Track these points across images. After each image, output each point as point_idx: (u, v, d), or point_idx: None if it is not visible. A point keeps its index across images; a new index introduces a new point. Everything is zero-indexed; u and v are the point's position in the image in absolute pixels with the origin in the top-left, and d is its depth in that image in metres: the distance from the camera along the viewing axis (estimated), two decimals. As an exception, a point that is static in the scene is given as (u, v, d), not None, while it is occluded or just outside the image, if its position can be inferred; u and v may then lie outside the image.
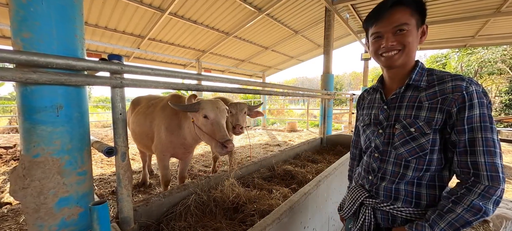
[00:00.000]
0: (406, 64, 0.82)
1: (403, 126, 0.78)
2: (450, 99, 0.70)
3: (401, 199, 0.80)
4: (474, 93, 0.68)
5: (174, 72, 1.27)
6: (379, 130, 0.87)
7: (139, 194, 2.59)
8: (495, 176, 0.63)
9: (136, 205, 1.33)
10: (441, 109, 0.72)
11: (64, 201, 0.97)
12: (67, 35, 0.96)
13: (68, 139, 0.97)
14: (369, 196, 0.88)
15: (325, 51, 4.54)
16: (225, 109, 1.70)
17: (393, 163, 0.82)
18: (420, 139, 0.75)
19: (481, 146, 0.65)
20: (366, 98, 1.01)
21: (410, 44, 0.77)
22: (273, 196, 1.62)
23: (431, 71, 0.80)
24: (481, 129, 0.66)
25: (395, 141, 0.81)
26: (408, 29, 0.75)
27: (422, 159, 0.76)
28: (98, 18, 4.63)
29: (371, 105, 0.95)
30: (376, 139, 0.88)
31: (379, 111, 0.88)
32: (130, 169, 1.19)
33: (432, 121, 0.73)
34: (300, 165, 2.56)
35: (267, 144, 6.03)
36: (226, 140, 1.50)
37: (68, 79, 0.91)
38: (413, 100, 0.78)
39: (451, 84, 0.71)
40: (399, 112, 0.81)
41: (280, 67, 10.81)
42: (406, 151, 0.78)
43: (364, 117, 0.97)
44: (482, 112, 0.67)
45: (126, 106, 1.16)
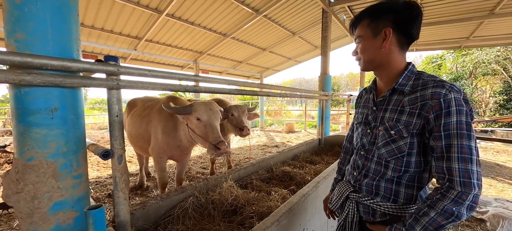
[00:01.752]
0: (384, 67, 0.85)
1: (385, 128, 0.82)
2: (428, 105, 0.72)
3: (381, 195, 0.85)
4: (452, 100, 0.69)
5: (171, 73, 1.26)
6: (367, 129, 0.91)
7: (136, 197, 2.56)
8: (467, 182, 0.65)
9: (133, 209, 1.32)
10: (419, 115, 0.74)
11: (59, 205, 0.95)
12: (62, 36, 0.94)
13: (63, 141, 0.95)
14: (353, 191, 0.94)
15: (323, 52, 4.56)
16: (218, 111, 1.69)
17: (376, 162, 0.87)
18: (399, 142, 0.79)
19: (456, 152, 0.67)
20: (363, 97, 1.05)
21: (364, 53, 0.85)
22: (272, 197, 1.61)
23: (420, 75, 0.81)
24: (457, 136, 0.67)
25: (378, 141, 0.85)
26: (362, 40, 0.85)
27: (400, 160, 0.80)
28: (94, 20, 4.59)
29: (365, 105, 0.99)
30: (364, 137, 0.93)
31: (369, 111, 0.93)
32: (126, 172, 1.18)
33: (410, 125, 0.76)
34: (298, 166, 2.56)
35: (265, 145, 6.03)
36: (219, 142, 1.49)
37: (63, 81, 0.89)
38: (397, 104, 0.82)
39: (431, 91, 0.73)
40: (384, 115, 0.85)
41: (278, 69, 10.83)
42: (386, 152, 0.82)
43: (359, 115, 1.02)
44: (459, 119, 0.68)
45: (122, 108, 1.15)
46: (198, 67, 7.67)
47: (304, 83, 46.77)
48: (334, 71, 59.51)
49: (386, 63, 0.84)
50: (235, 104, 2.47)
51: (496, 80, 11.34)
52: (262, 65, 9.90)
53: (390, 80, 0.86)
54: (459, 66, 12.61)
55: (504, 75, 10.84)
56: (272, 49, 8.06)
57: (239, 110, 2.40)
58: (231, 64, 8.86)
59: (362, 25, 0.85)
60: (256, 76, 10.68)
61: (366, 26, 0.83)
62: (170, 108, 1.59)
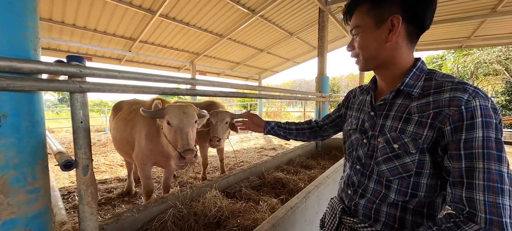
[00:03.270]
0: (388, 66, 0.69)
1: (386, 140, 0.66)
2: (444, 114, 0.56)
3: (382, 222, 0.69)
4: (477, 109, 0.53)
5: (145, 75, 1.15)
6: (364, 139, 0.75)
7: (122, 204, 2.45)
8: (496, 221, 0.48)
9: (104, 223, 1.20)
10: (432, 125, 0.59)
11: (9, 224, 0.84)
12: (13, 34, 0.84)
13: (14, 152, 0.84)
14: (348, 213, 0.78)
15: (319, 52, 4.46)
16: (193, 115, 1.55)
17: (375, 180, 0.70)
18: (404, 158, 0.63)
19: (482, 179, 0.50)
20: (357, 97, 0.89)
21: (364, 49, 0.69)
22: (260, 208, 1.50)
23: (432, 74, 0.65)
24: (484, 157, 0.50)
25: (377, 155, 0.69)
26: (360, 32, 0.68)
27: (406, 180, 0.64)
28: (86, 21, 4.51)
29: (360, 108, 0.83)
30: (359, 149, 0.77)
31: (366, 117, 0.77)
32: (94, 184, 1.06)
33: (419, 138, 0.60)
34: (292, 172, 2.44)
35: (262, 148, 5.91)
36: (184, 150, 1.34)
37: (11, 84, 0.79)
38: (402, 110, 0.66)
39: (449, 95, 0.57)
40: (385, 123, 0.69)
41: (276, 70, 10.74)
42: (388, 169, 0.66)
43: (352, 120, 0.85)
44: (487, 135, 0.51)
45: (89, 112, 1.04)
46: (195, 68, 7.58)
47: (304, 84, 46.68)
48: (334, 73, 59.38)
49: (391, 61, 0.67)
50: (217, 111, 2.22)
51: (498, 81, 11.22)
52: (260, 66, 9.81)
53: (394, 80, 0.70)
54: (460, 67, 12.50)
55: (506, 76, 10.71)
56: (270, 50, 7.96)
57: (218, 118, 2.14)
58: (229, 65, 8.78)
59: (360, 11, 0.68)
60: (254, 77, 10.59)
61: (366, 13, 0.66)
62: (145, 112, 1.48)
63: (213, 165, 4.08)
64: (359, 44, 0.70)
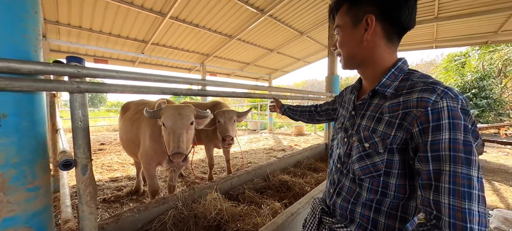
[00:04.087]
0: (368, 65, 0.70)
1: (359, 139, 0.69)
2: (412, 115, 0.57)
3: (356, 223, 0.71)
4: (444, 110, 0.52)
5: (144, 75, 1.15)
6: (344, 137, 0.77)
7: (130, 203, 2.49)
8: (459, 226, 0.46)
9: (104, 222, 1.21)
10: (400, 126, 0.59)
11: (9, 222, 0.86)
12: (13, 35, 0.85)
13: (14, 151, 0.86)
14: (327, 213, 0.81)
15: (330, 51, 4.31)
16: (188, 116, 1.50)
17: (350, 179, 0.73)
18: (374, 157, 0.64)
19: (448, 182, 0.49)
20: (346, 96, 0.91)
21: (343, 47, 0.72)
22: (262, 212, 1.45)
23: (410, 75, 0.65)
24: (450, 160, 0.50)
25: (353, 154, 0.71)
26: (341, 30, 0.71)
27: (376, 179, 0.65)
28: (102, 25, 4.70)
29: (345, 106, 0.86)
30: (341, 147, 0.79)
31: (348, 116, 0.80)
32: (93, 184, 1.07)
33: (387, 138, 0.61)
34: (299, 174, 2.37)
35: (271, 149, 5.84)
36: (173, 153, 1.29)
37: (10, 84, 0.80)
38: (376, 110, 0.67)
39: (417, 95, 0.57)
40: (361, 122, 0.71)
41: (287, 70, 10.60)
42: (359, 168, 0.68)
43: (340, 118, 0.87)
44: (453, 137, 0.50)
45: (88, 113, 1.05)
46: (205, 69, 7.67)
47: (316, 84, 45.83)
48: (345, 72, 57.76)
49: (370, 60, 0.69)
50: (223, 110, 2.24)
51: (530, 79, 10.29)
52: (270, 67, 9.74)
53: (376, 79, 0.70)
54: (486, 64, 11.61)
55: (539, 73, 9.79)
56: (280, 50, 7.87)
57: (226, 117, 2.16)
58: (239, 66, 8.79)
59: (341, 11, 0.71)
60: (265, 78, 10.53)
61: (345, 13, 0.69)
62: (146, 112, 1.48)
63: (221, 166, 4.08)
64: (339, 43, 0.73)
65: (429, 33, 6.41)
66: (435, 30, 6.16)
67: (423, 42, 7.02)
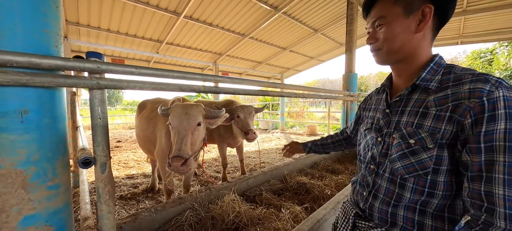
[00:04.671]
0: (409, 60, 0.68)
1: (402, 136, 0.66)
2: (464, 107, 0.55)
3: (399, 226, 0.67)
4: (500, 100, 0.51)
5: (162, 70, 1.11)
6: (378, 137, 0.75)
7: (146, 200, 2.51)
8: None
9: (122, 222, 1.19)
10: (450, 119, 0.57)
11: (30, 219, 0.85)
12: (34, 30, 0.84)
13: (35, 148, 0.85)
14: (362, 217, 0.76)
15: (347, 48, 4.14)
16: (195, 117, 1.39)
17: (387, 179, 0.69)
18: (421, 154, 0.62)
19: (502, 173, 0.48)
20: (373, 98, 0.89)
21: (389, 40, 0.67)
22: (282, 216, 1.38)
23: (451, 69, 0.64)
24: (505, 150, 0.49)
25: (392, 152, 0.68)
26: (387, 22, 0.66)
27: (422, 179, 0.62)
28: (119, 25, 4.82)
29: (376, 107, 0.83)
30: (374, 147, 0.76)
31: (381, 115, 0.77)
32: (111, 182, 1.05)
33: (437, 132, 0.59)
34: (317, 176, 2.26)
35: (284, 149, 5.73)
36: (173, 156, 1.18)
37: (31, 80, 0.78)
38: (419, 105, 0.65)
39: (469, 86, 0.55)
40: (401, 119, 0.69)
41: (299, 69, 10.42)
42: (402, 166, 0.65)
43: (368, 120, 0.85)
44: (510, 128, 0.49)
45: (107, 110, 1.02)
46: (218, 69, 7.69)
47: (328, 84, 44.87)
48: (362, 71, 56.25)
49: (413, 53, 0.67)
50: (241, 105, 2.26)
51: None
52: (282, 66, 9.61)
53: (411, 76, 0.69)
54: (516, 61, 10.75)
55: None
56: (293, 48, 7.73)
57: (245, 111, 2.17)
58: (251, 65, 8.75)
59: (385, 1, 0.67)
60: (276, 77, 10.41)
61: (393, 3, 0.65)
62: (159, 110, 1.45)
63: (234, 165, 4.04)
64: (384, 36, 0.68)
65: (456, 28, 6.01)
66: (462, 24, 5.76)
67: (448, 38, 6.59)
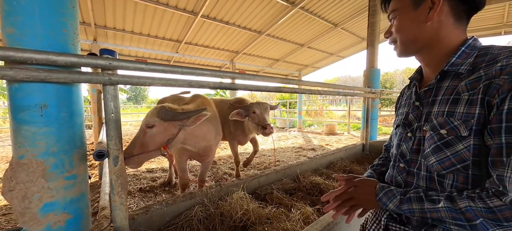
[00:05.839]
0: (431, 48, 0.63)
1: (433, 127, 0.60)
2: (494, 85, 0.49)
3: (441, 227, 0.59)
4: None
5: (172, 66, 1.12)
6: (408, 132, 0.70)
7: (163, 193, 2.61)
8: None
9: (135, 213, 1.23)
10: (482, 101, 0.51)
11: (49, 207, 0.91)
12: (52, 29, 0.89)
13: (54, 140, 0.91)
14: (396, 220, 0.69)
15: (369, 42, 3.89)
16: (145, 120, 1.45)
17: (424, 178, 0.63)
18: (456, 145, 0.55)
19: None
20: (405, 94, 0.84)
21: (401, 32, 0.66)
22: (292, 217, 1.33)
23: (487, 50, 0.56)
24: None
25: (425, 147, 0.62)
26: (398, 15, 0.66)
27: (462, 174, 0.55)
28: (141, 27, 5.08)
29: (406, 102, 0.78)
30: (403, 144, 0.71)
31: (410, 109, 0.72)
32: (124, 175, 1.09)
33: (471, 118, 0.53)
34: (333, 177, 2.16)
35: (300, 148, 5.61)
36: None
37: (48, 76, 0.83)
38: (450, 92, 0.59)
39: (501, 64, 0.50)
40: (432, 109, 0.63)
41: (318, 66, 10.10)
42: (437, 162, 0.58)
43: (399, 117, 0.80)
44: None
45: (120, 105, 1.06)
46: (235, 67, 7.75)
47: (350, 81, 42.94)
48: (387, 67, 53.09)
49: (434, 41, 0.62)
50: (256, 102, 2.34)
51: None
52: (300, 63, 9.39)
53: (440, 63, 0.64)
54: None
55: None
56: (311, 44, 7.50)
57: (261, 107, 2.29)
58: (268, 63, 8.68)
59: None
60: (294, 74, 10.21)
61: None
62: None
63: (248, 163, 4.04)
64: (396, 28, 0.67)
65: (498, 16, 5.34)
66: (506, 11, 5.09)
67: (489, 28, 5.88)
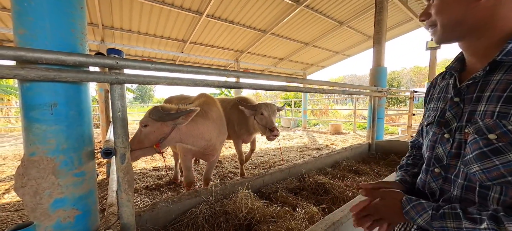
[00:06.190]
0: (482, 33, 0.53)
1: (477, 129, 0.51)
2: None
3: None
4: None
5: (177, 65, 1.13)
6: (445, 133, 0.60)
7: (169, 191, 2.64)
8: None
9: (141, 210, 1.25)
10: None
11: (59, 203, 0.93)
12: (61, 30, 0.91)
13: (63, 138, 0.93)
14: None
15: (376, 40, 3.82)
16: (142, 120, 1.50)
17: (460, 186, 0.55)
18: (509, 153, 0.45)
19: None
20: (437, 86, 0.73)
21: (441, 14, 0.56)
22: (296, 216, 1.32)
23: None
24: None
25: (466, 152, 0.53)
26: None
27: None
28: (147, 27, 5.14)
29: (440, 97, 0.67)
30: (439, 146, 0.61)
31: (447, 105, 0.61)
32: (130, 172, 1.11)
33: None
34: (338, 176, 2.14)
35: (305, 147, 5.58)
36: None
37: (58, 75, 0.85)
38: (503, 88, 0.48)
39: None
40: (476, 108, 0.53)
41: (323, 64, 10.00)
42: (482, 171, 0.49)
43: (430, 113, 0.70)
44: None
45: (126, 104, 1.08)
46: (239, 66, 7.76)
47: (356, 80, 42.41)
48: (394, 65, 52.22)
49: (486, 24, 0.52)
50: (265, 103, 2.34)
51: None
52: (305, 62, 9.32)
53: (491, 51, 0.52)
54: None
55: None
56: (316, 43, 7.43)
57: (269, 109, 2.26)
58: (272, 62, 8.65)
59: None
60: (299, 73, 10.15)
61: None
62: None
63: (253, 162, 4.05)
64: (437, 8, 0.57)
65: None
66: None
67: None
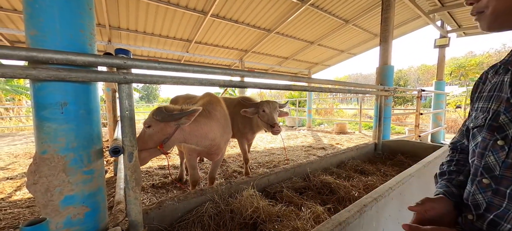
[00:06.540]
0: None
1: None
2: None
3: None
4: None
5: (183, 65, 1.14)
6: (498, 139, 0.53)
7: (174, 190, 2.67)
8: None
9: (148, 208, 1.27)
10: None
11: (70, 200, 0.96)
12: (71, 30, 0.93)
13: (73, 136, 0.95)
14: None
15: (382, 38, 3.76)
16: (146, 119, 1.54)
17: None
18: None
19: None
20: (489, 83, 0.63)
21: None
22: (302, 215, 1.32)
23: None
24: None
25: None
26: None
27: None
28: (153, 27, 5.20)
29: (492, 95, 0.58)
30: (490, 154, 0.54)
31: (501, 106, 0.54)
32: (138, 170, 1.12)
33: None
34: (344, 176, 2.12)
35: (310, 147, 5.55)
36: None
37: (68, 75, 0.87)
38: None
39: None
40: None
41: (328, 63, 9.91)
42: None
43: (478, 114, 0.61)
44: None
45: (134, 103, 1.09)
46: (244, 66, 7.77)
47: (361, 79, 41.91)
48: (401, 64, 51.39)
49: None
50: (266, 100, 2.41)
51: None
52: (310, 61, 9.26)
53: None
54: None
55: None
56: (321, 42, 7.37)
57: (271, 106, 2.32)
58: (277, 61, 8.63)
59: None
60: (304, 72, 10.09)
61: None
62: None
63: (257, 161, 4.05)
64: None
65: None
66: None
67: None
